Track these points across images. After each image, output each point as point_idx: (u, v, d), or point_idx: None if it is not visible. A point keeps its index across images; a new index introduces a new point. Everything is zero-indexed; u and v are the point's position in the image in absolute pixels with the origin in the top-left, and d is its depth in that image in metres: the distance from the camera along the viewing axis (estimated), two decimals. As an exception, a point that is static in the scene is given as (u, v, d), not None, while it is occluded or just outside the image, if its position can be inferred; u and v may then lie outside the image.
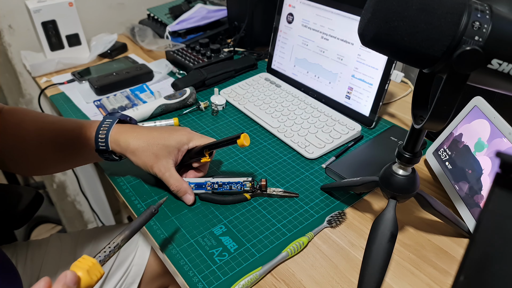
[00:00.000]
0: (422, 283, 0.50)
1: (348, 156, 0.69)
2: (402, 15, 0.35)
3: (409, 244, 0.55)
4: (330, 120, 0.78)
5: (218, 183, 0.61)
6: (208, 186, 0.61)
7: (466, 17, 0.34)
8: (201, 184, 0.61)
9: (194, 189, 0.62)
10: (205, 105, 0.86)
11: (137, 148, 0.58)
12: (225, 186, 0.60)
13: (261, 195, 0.62)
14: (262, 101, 0.85)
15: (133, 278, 0.77)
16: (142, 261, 0.79)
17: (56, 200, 1.49)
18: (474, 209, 0.54)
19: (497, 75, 0.36)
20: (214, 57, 1.01)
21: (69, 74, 1.03)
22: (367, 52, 0.75)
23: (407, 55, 0.37)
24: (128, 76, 0.96)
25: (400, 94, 0.90)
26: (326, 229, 0.58)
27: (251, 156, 0.72)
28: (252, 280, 0.49)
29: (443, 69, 0.37)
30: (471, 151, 0.57)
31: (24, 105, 1.23)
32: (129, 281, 0.77)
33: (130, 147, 0.58)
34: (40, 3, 0.99)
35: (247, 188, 0.60)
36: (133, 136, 0.59)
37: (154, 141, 0.58)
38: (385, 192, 0.50)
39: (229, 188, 0.60)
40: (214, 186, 0.61)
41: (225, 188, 0.61)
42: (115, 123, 0.60)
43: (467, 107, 0.60)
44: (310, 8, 0.83)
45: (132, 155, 0.59)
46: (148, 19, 1.26)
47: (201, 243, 0.56)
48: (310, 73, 0.86)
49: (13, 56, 1.13)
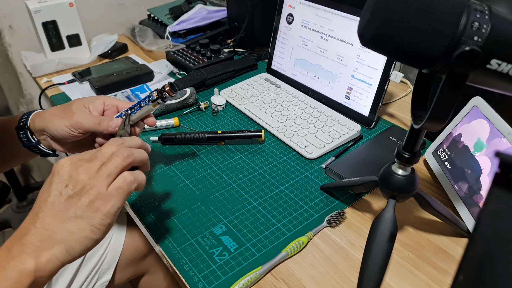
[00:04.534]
0: (422, 283, 0.50)
1: (347, 156, 0.69)
2: (401, 16, 0.35)
3: (409, 243, 0.55)
4: (330, 120, 0.78)
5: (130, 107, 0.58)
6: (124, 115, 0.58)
7: (465, 17, 0.34)
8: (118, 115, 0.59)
9: None
10: (205, 106, 0.86)
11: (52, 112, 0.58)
12: (136, 106, 0.58)
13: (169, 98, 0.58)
14: (262, 102, 0.86)
15: (109, 264, 0.77)
16: (117, 247, 0.79)
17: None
18: (473, 209, 0.54)
19: (496, 75, 0.36)
20: (214, 57, 1.01)
21: (69, 75, 1.03)
22: (366, 53, 0.75)
23: (407, 55, 0.37)
24: (128, 76, 0.96)
25: (400, 94, 0.90)
26: (325, 228, 0.58)
27: (251, 156, 0.72)
28: (252, 279, 0.49)
29: (442, 69, 0.37)
30: (470, 151, 0.57)
31: (25, 105, 1.24)
32: (104, 266, 0.77)
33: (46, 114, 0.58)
34: (41, 3, 0.99)
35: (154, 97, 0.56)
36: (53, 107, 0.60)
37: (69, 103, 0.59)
38: (384, 192, 0.50)
39: (140, 107, 0.57)
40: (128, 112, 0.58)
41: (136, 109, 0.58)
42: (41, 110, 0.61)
43: (466, 107, 0.60)
44: (309, 9, 0.83)
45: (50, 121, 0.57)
46: (148, 20, 1.27)
47: (201, 243, 0.56)
48: (309, 73, 0.87)
49: (13, 56, 1.14)
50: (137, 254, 0.82)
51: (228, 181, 0.67)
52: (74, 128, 0.56)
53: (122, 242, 0.81)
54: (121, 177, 0.42)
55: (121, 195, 0.42)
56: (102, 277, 0.76)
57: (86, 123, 0.56)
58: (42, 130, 0.59)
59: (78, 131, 0.56)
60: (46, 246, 0.39)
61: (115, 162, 0.42)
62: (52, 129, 0.57)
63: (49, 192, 0.41)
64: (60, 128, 0.56)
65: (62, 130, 0.56)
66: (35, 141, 0.61)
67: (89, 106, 0.58)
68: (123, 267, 0.81)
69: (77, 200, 0.40)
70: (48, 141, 0.61)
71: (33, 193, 1.74)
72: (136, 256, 0.82)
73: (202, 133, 0.75)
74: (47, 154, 0.63)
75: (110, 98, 0.60)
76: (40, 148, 0.62)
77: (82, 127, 0.56)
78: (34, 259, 0.38)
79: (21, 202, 1.67)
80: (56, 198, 0.40)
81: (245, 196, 0.63)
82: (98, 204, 0.40)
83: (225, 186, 0.66)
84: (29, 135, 0.60)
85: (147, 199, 0.64)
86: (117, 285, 0.81)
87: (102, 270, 0.77)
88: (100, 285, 0.75)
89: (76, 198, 0.40)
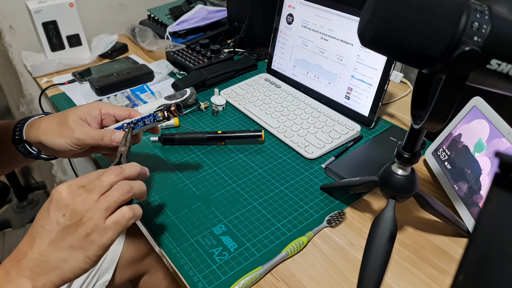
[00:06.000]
0: (422, 283, 0.50)
1: (347, 156, 0.69)
2: (401, 16, 0.35)
3: (409, 243, 0.55)
4: (330, 120, 0.78)
5: (133, 121, 0.58)
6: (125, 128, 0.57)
7: (465, 17, 0.34)
8: (119, 127, 0.58)
9: None
10: (205, 106, 0.86)
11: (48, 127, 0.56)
12: (139, 122, 0.57)
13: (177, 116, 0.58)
14: (262, 102, 0.86)
15: (109, 264, 0.77)
16: (117, 247, 0.80)
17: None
18: (473, 209, 0.54)
19: (496, 75, 0.36)
20: (214, 57, 1.01)
21: (69, 75, 1.03)
22: (366, 53, 0.75)
23: (406, 55, 0.37)
24: (128, 76, 0.96)
25: (400, 95, 0.90)
26: (325, 228, 0.58)
27: (251, 156, 0.72)
28: (252, 279, 0.49)
29: (442, 69, 0.37)
30: (470, 151, 0.57)
31: (25, 105, 1.24)
32: (104, 266, 0.77)
33: (41, 128, 0.56)
34: (41, 3, 0.99)
35: (160, 118, 0.57)
36: (46, 119, 0.57)
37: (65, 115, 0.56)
38: (384, 192, 0.50)
39: (143, 124, 0.57)
40: (131, 125, 0.57)
41: (140, 125, 0.57)
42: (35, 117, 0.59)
43: (466, 107, 0.60)
44: (309, 9, 0.83)
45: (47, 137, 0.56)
46: (148, 20, 1.27)
47: (201, 243, 0.56)
48: (309, 73, 0.87)
49: (14, 56, 1.14)
50: (137, 254, 0.83)
51: (228, 181, 0.67)
52: (76, 145, 0.55)
53: (122, 242, 0.81)
54: (120, 212, 0.43)
55: (118, 229, 0.42)
56: (102, 277, 0.76)
57: (88, 140, 0.55)
58: (39, 142, 0.57)
59: (80, 147, 0.55)
60: (42, 271, 0.40)
61: (114, 196, 0.42)
62: (52, 145, 0.56)
63: (47, 219, 0.41)
64: (61, 145, 0.55)
65: (63, 147, 0.55)
66: (36, 152, 0.60)
67: (86, 118, 0.56)
68: (123, 267, 0.81)
69: (74, 230, 0.41)
70: (49, 151, 0.59)
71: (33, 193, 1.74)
72: (136, 256, 0.82)
73: (202, 133, 0.75)
74: (49, 159, 0.63)
75: (106, 105, 0.58)
76: (42, 157, 0.61)
77: (84, 144, 0.55)
78: (32, 283, 0.39)
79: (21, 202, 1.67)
80: (53, 226, 0.41)
81: (245, 196, 0.63)
82: (95, 236, 0.41)
83: (225, 186, 0.66)
84: (27, 147, 0.59)
85: (147, 199, 0.64)
86: (117, 285, 0.81)
87: (102, 270, 0.77)
88: (100, 285, 0.75)
89: (73, 229, 0.41)
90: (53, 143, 0.55)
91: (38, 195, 1.74)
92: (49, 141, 0.55)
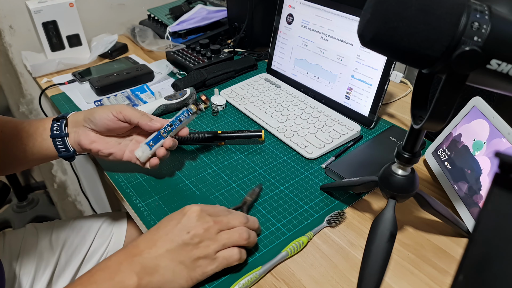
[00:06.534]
0: (422, 283, 0.50)
1: (347, 156, 0.69)
2: (401, 16, 0.35)
3: (409, 243, 0.55)
4: (330, 120, 0.78)
5: (169, 124, 0.62)
6: (164, 133, 0.62)
7: (465, 17, 0.34)
8: (156, 135, 0.62)
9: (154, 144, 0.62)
10: (205, 106, 0.86)
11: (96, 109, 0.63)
12: (175, 123, 0.62)
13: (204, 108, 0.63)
14: (262, 102, 0.86)
15: None
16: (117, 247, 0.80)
17: (57, 200, 1.50)
18: (473, 209, 0.54)
19: (496, 76, 0.36)
20: (214, 57, 1.01)
21: (69, 75, 1.03)
22: (366, 53, 0.75)
23: (406, 55, 0.37)
24: (128, 76, 0.96)
25: (400, 95, 0.91)
26: (325, 228, 0.58)
27: (251, 156, 0.72)
28: (252, 279, 0.49)
29: (442, 69, 0.37)
30: (470, 151, 0.57)
31: (25, 105, 1.24)
32: None
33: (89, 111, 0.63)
34: (41, 3, 0.99)
35: (193, 110, 0.61)
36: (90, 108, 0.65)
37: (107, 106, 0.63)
38: (384, 192, 0.50)
39: (179, 121, 0.62)
40: (167, 129, 0.62)
41: (176, 125, 0.62)
42: None
43: (466, 107, 0.60)
44: (309, 9, 0.84)
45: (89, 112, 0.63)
46: (148, 20, 1.27)
47: (201, 243, 0.56)
48: (309, 73, 0.87)
49: (13, 56, 1.14)
50: None
51: (228, 181, 0.67)
52: (119, 113, 0.61)
53: (122, 242, 0.81)
54: (231, 250, 0.48)
55: (223, 264, 0.48)
56: None
57: (129, 112, 0.61)
58: (86, 119, 0.62)
59: (123, 117, 0.61)
60: (149, 272, 0.45)
61: (234, 237, 0.48)
62: (96, 115, 0.61)
63: (174, 231, 0.47)
64: (105, 114, 0.61)
65: (107, 116, 0.61)
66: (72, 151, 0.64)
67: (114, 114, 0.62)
68: None
69: (190, 250, 0.46)
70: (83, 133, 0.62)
71: (33, 193, 1.74)
72: None
73: (202, 133, 0.75)
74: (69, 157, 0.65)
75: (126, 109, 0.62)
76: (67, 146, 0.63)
77: (125, 115, 0.61)
78: (138, 279, 0.43)
79: (21, 202, 1.67)
80: (175, 238, 0.46)
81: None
82: (202, 262, 0.47)
83: (225, 186, 0.66)
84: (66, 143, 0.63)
85: (147, 199, 0.64)
86: None
87: None
88: None
89: (190, 248, 0.46)
90: (97, 114, 0.61)
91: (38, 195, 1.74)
92: (95, 114, 0.61)
